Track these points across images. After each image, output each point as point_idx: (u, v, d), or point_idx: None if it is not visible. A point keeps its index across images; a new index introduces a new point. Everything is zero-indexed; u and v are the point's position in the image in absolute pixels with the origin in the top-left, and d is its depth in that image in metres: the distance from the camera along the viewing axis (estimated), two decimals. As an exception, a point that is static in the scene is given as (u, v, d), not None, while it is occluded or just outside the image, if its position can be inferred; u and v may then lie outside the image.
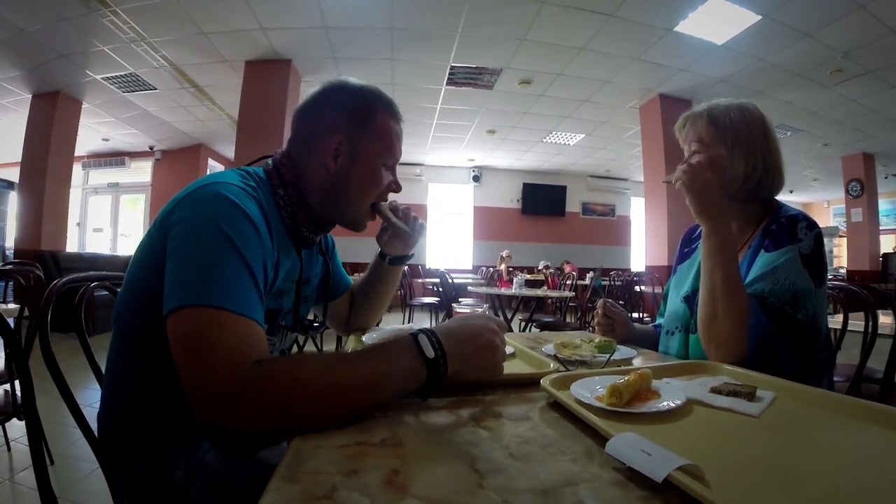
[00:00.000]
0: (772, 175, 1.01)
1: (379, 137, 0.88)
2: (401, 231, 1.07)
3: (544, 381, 0.65)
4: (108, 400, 0.80)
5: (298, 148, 0.88)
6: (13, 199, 7.66)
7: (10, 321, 1.04)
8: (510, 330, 0.73)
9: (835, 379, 1.25)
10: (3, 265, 2.89)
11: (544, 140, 7.97)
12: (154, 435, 0.76)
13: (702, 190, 0.91)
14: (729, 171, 0.99)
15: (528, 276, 6.09)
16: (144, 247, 0.73)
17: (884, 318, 1.74)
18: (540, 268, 8.36)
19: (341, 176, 0.86)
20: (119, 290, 0.80)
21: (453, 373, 0.62)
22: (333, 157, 0.85)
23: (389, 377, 0.59)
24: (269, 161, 0.89)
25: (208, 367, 0.55)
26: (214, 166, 8.96)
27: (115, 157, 8.82)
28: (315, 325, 1.01)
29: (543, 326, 4.10)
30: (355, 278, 1.24)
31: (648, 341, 1.19)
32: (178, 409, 0.66)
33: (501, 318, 3.24)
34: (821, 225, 0.97)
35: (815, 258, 0.90)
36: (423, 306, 6.09)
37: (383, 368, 0.59)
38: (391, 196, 0.98)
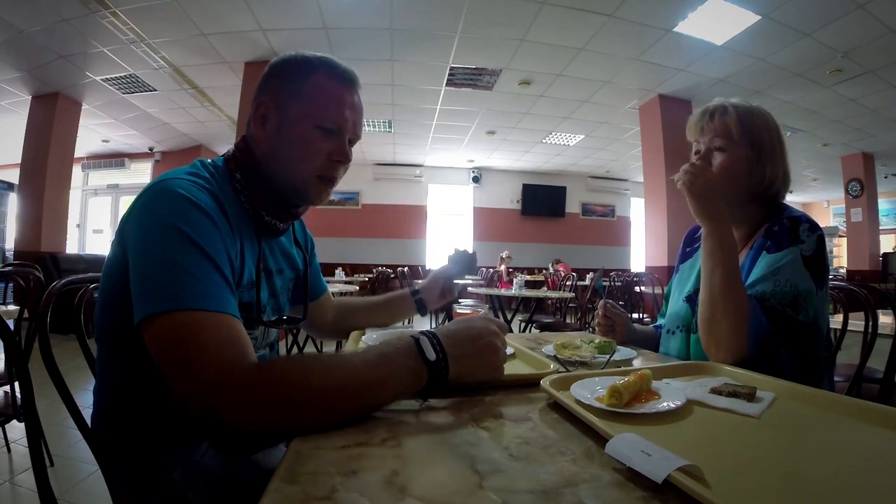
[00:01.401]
0: (787, 182, 1.02)
1: (309, 97, 0.80)
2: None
3: (544, 382, 0.65)
4: (98, 400, 0.80)
5: (248, 127, 0.85)
6: (13, 200, 7.66)
7: (10, 323, 1.03)
8: (510, 331, 0.72)
9: (835, 379, 1.25)
10: (3, 267, 2.89)
11: (544, 141, 7.97)
12: (146, 437, 0.76)
13: (702, 191, 0.91)
14: (755, 174, 0.98)
15: (528, 277, 6.09)
16: (110, 257, 0.73)
17: (884, 318, 1.74)
18: (551, 270, 8.32)
19: (270, 143, 0.81)
20: (96, 298, 0.79)
21: (454, 374, 0.62)
22: (261, 124, 0.81)
23: (391, 379, 0.59)
24: (230, 149, 0.86)
25: (197, 370, 0.55)
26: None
27: (114, 159, 8.82)
28: (289, 319, 0.99)
29: (543, 327, 4.10)
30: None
31: (649, 342, 1.19)
32: (167, 412, 0.66)
33: (501, 319, 3.23)
34: (821, 225, 0.97)
35: (817, 260, 0.90)
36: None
37: (385, 370, 0.58)
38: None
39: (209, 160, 0.83)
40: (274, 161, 0.82)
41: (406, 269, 6.26)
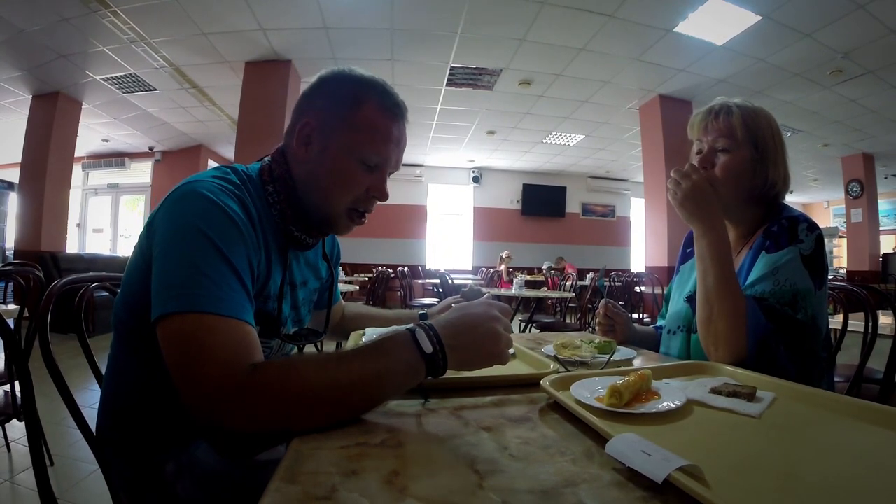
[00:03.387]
0: (788, 183, 1.02)
1: (357, 129, 0.77)
2: None
3: (544, 382, 0.65)
4: (108, 399, 0.80)
5: (287, 138, 0.83)
6: (13, 199, 7.66)
7: (10, 322, 1.04)
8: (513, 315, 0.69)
9: (835, 379, 1.25)
10: (3, 266, 2.89)
11: (544, 141, 7.97)
12: (151, 434, 0.76)
13: (684, 198, 0.92)
14: (758, 175, 0.98)
15: (528, 277, 6.09)
16: (136, 250, 0.73)
17: (884, 319, 1.74)
18: (543, 269, 8.35)
19: (311, 166, 0.79)
20: (118, 291, 0.79)
21: (454, 364, 0.61)
22: (304, 143, 0.79)
23: (387, 375, 0.58)
24: (266, 158, 0.85)
25: (201, 371, 0.55)
26: (214, 167, 8.97)
27: (115, 158, 8.82)
28: (309, 334, 0.99)
29: (543, 327, 4.09)
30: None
31: (649, 342, 1.19)
32: (174, 409, 0.66)
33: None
34: (821, 225, 0.97)
35: (816, 259, 0.90)
36: (423, 307, 6.07)
37: (380, 366, 0.58)
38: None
39: (242, 166, 0.82)
40: (310, 184, 0.80)
41: (406, 268, 6.26)
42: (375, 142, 0.78)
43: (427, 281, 7.98)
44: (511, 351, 0.89)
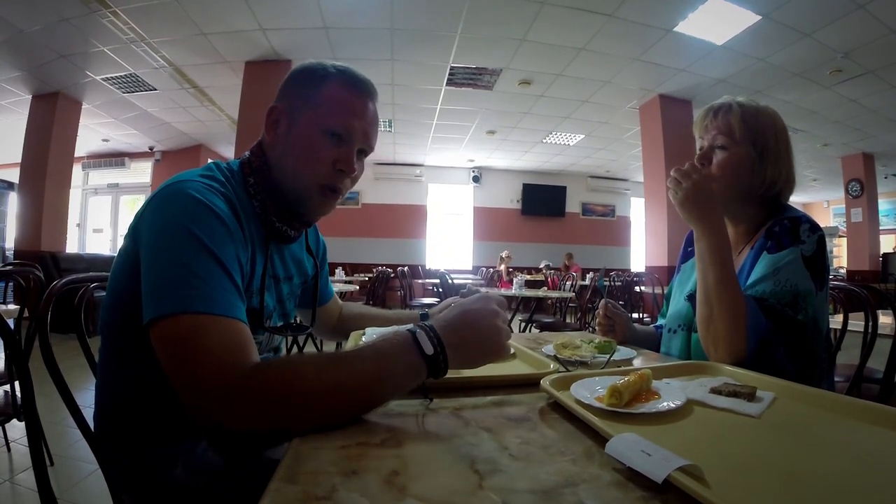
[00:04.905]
0: (791, 183, 1.02)
1: (319, 103, 0.80)
2: None
3: (544, 382, 0.65)
4: (103, 400, 0.80)
5: (264, 131, 0.85)
6: (13, 199, 7.66)
7: (10, 322, 1.03)
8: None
9: (835, 379, 1.25)
10: (3, 266, 2.89)
11: (544, 140, 7.97)
12: (145, 432, 0.77)
13: (684, 198, 0.92)
14: (757, 175, 0.98)
15: (528, 277, 6.09)
16: (121, 252, 0.73)
17: (884, 319, 1.74)
18: (541, 267, 8.35)
19: (280, 148, 0.81)
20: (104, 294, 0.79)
21: (457, 364, 0.61)
22: (273, 128, 0.82)
23: (388, 376, 0.58)
24: (246, 153, 0.86)
25: (197, 373, 0.55)
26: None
27: (115, 158, 8.83)
28: (296, 326, 0.99)
29: (543, 327, 4.10)
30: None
31: (649, 342, 1.19)
32: (167, 407, 0.66)
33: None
34: (821, 225, 0.97)
35: (817, 260, 0.90)
36: (423, 307, 6.07)
37: (381, 367, 0.58)
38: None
39: (224, 162, 0.83)
40: (281, 166, 0.82)
41: (406, 268, 6.26)
42: (337, 112, 0.80)
43: (427, 281, 7.98)
44: (511, 350, 0.90)
